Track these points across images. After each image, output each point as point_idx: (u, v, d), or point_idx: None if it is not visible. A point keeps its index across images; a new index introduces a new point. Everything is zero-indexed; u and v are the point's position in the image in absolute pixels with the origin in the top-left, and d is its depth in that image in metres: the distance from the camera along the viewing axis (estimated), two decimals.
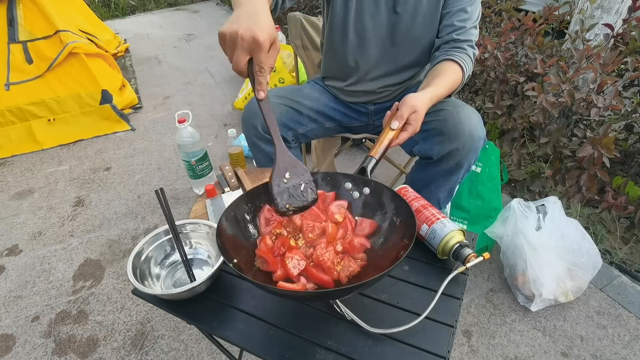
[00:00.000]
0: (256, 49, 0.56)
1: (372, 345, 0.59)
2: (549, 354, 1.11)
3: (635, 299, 1.24)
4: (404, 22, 1.02)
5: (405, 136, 0.77)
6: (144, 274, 0.71)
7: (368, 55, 1.09)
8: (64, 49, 2.28)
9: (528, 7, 2.49)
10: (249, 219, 0.69)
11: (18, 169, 2.13)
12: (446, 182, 1.03)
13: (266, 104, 0.62)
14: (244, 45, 0.55)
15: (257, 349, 0.60)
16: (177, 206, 1.76)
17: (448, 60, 0.95)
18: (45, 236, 1.65)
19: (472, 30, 1.00)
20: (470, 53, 0.99)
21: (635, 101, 1.36)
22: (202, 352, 1.16)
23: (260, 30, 0.55)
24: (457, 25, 0.99)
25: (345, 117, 1.23)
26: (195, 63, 3.46)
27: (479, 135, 0.94)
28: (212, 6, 5.54)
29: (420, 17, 1.01)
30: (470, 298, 1.27)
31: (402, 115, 0.76)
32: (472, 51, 1.00)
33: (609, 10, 1.60)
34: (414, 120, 0.77)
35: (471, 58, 0.99)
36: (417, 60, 1.11)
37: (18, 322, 1.30)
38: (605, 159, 1.23)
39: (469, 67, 0.97)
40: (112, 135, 2.40)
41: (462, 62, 0.95)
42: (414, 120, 0.77)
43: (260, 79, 0.58)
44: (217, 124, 2.44)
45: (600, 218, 1.48)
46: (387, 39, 1.06)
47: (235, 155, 1.36)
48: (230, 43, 0.56)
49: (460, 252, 0.67)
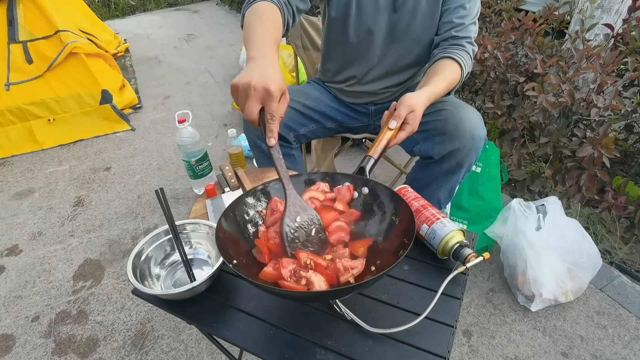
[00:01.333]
0: (268, 99, 0.59)
1: (372, 345, 0.59)
2: (549, 354, 1.11)
3: (635, 299, 1.24)
4: (404, 21, 1.02)
5: (404, 136, 0.77)
6: (144, 274, 0.71)
7: (368, 55, 1.09)
8: (64, 49, 2.28)
9: (528, 7, 2.49)
10: (249, 219, 0.69)
11: (18, 169, 2.13)
12: (447, 182, 1.03)
13: (276, 151, 0.63)
14: (257, 95, 0.59)
15: (257, 349, 0.60)
16: (177, 206, 1.76)
17: (446, 58, 0.94)
18: (45, 236, 1.65)
19: (471, 27, 0.99)
20: (469, 50, 0.97)
21: (635, 101, 1.36)
22: (202, 352, 1.16)
23: (272, 81, 0.59)
24: (456, 22, 0.98)
25: (345, 117, 1.23)
26: (195, 63, 3.46)
27: (479, 135, 0.94)
28: (212, 6, 5.54)
29: (420, 16, 1.01)
30: (470, 298, 1.27)
31: (399, 114, 0.75)
32: (472, 48, 0.98)
33: (609, 10, 1.60)
34: (412, 119, 0.77)
35: (470, 55, 0.98)
36: (418, 60, 1.10)
37: (18, 322, 1.30)
38: (605, 159, 1.23)
39: (467, 64, 0.96)
40: (112, 135, 2.40)
41: (461, 59, 0.94)
42: (412, 120, 0.77)
43: (272, 126, 0.61)
44: (217, 124, 2.44)
45: (600, 218, 1.48)
46: (387, 39, 1.06)
47: (235, 155, 1.36)
48: (244, 93, 0.60)
49: (460, 252, 0.67)
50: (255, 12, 0.79)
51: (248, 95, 0.59)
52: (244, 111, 0.61)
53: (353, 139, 1.36)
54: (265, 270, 0.61)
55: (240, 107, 0.61)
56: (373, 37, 1.05)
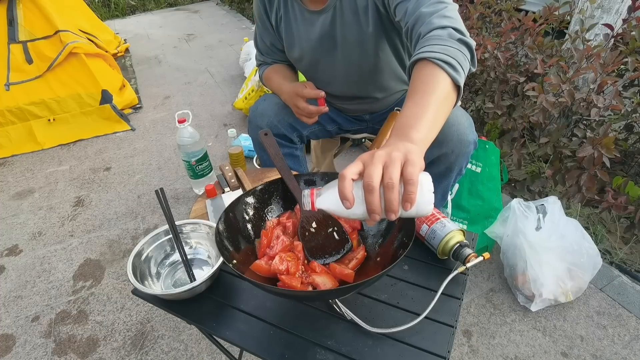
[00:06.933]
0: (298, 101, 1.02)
1: (372, 345, 0.59)
2: (549, 354, 1.11)
3: (635, 299, 1.24)
4: (349, 60, 1.00)
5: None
6: (144, 274, 0.71)
7: (338, 91, 1.11)
8: (64, 49, 2.28)
9: (528, 7, 2.49)
10: (248, 218, 0.69)
11: (18, 169, 2.13)
12: (438, 186, 1.02)
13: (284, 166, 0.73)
14: (291, 101, 1.05)
15: (257, 349, 0.60)
16: (177, 206, 1.76)
17: (416, 64, 0.64)
18: (45, 236, 1.65)
19: (438, 5, 0.71)
20: (449, 32, 0.66)
21: (635, 101, 1.36)
22: (202, 352, 1.16)
23: (292, 96, 1.04)
24: (412, 10, 0.74)
25: (345, 121, 1.23)
26: (195, 63, 3.46)
27: (468, 140, 0.90)
28: (212, 6, 5.54)
29: (356, 48, 0.96)
30: (470, 298, 1.27)
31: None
32: (449, 28, 0.67)
33: (609, 10, 1.60)
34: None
35: (453, 35, 0.66)
36: (385, 85, 1.08)
37: (18, 322, 1.30)
38: (605, 159, 1.23)
39: (450, 54, 0.62)
40: (112, 135, 2.40)
41: (433, 54, 0.62)
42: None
43: (303, 118, 1.05)
44: (217, 124, 2.44)
45: (600, 218, 1.48)
46: (343, 78, 1.05)
47: (235, 155, 1.36)
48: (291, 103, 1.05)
49: (460, 252, 0.67)
50: (268, 73, 1.15)
51: (291, 103, 1.05)
52: (303, 114, 1.04)
53: (353, 139, 1.36)
54: (256, 263, 0.62)
55: (298, 113, 1.05)
56: (331, 78, 1.06)
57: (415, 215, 0.48)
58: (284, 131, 1.11)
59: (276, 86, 1.11)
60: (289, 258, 0.62)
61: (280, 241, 0.65)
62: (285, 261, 0.61)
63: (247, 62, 2.77)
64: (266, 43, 1.11)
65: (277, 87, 1.10)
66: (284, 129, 1.11)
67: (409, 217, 0.49)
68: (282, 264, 0.61)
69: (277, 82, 1.10)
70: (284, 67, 1.15)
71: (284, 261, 0.61)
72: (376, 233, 0.69)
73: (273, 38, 1.09)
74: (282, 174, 0.71)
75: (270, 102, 1.11)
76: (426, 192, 0.47)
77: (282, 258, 0.61)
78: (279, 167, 0.71)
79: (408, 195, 0.45)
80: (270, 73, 1.14)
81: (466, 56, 0.65)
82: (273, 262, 0.61)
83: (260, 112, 1.10)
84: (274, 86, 1.12)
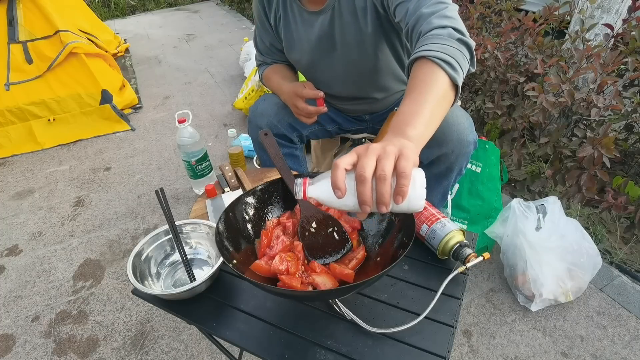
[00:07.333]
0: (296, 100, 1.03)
1: (372, 345, 0.59)
2: (549, 354, 1.11)
3: (635, 299, 1.24)
4: (348, 60, 1.00)
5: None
6: (144, 274, 0.71)
7: (338, 92, 1.11)
8: (64, 49, 2.28)
9: (528, 7, 2.49)
10: (248, 218, 0.69)
11: (18, 169, 2.13)
12: (438, 186, 1.02)
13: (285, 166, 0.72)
14: (291, 101, 1.05)
15: (257, 349, 0.60)
16: (177, 206, 1.76)
17: (415, 63, 0.64)
18: (45, 236, 1.65)
19: (438, 6, 0.72)
20: (449, 31, 0.67)
21: (635, 101, 1.36)
22: (202, 352, 1.16)
23: (291, 96, 1.05)
24: (413, 9, 0.74)
25: (345, 122, 1.23)
26: (195, 63, 3.46)
27: (468, 140, 0.90)
28: (212, 6, 5.54)
29: (355, 48, 0.96)
30: (470, 298, 1.27)
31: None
32: (450, 27, 0.67)
33: (609, 10, 1.60)
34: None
35: (453, 35, 0.66)
36: (385, 86, 1.08)
37: (18, 322, 1.30)
38: (605, 159, 1.23)
39: (449, 53, 0.62)
40: (112, 135, 2.40)
41: (432, 53, 0.62)
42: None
43: (302, 119, 1.07)
44: (217, 124, 2.44)
45: (600, 218, 1.48)
46: (342, 79, 1.06)
47: (235, 155, 1.36)
48: (291, 102, 1.06)
49: (460, 252, 0.67)
50: (268, 73, 1.15)
51: (290, 102, 1.07)
52: (295, 111, 1.07)
53: (353, 139, 1.36)
54: (256, 263, 0.62)
55: (297, 113, 1.07)
56: (331, 79, 1.07)
57: (407, 209, 0.48)
58: (283, 131, 1.12)
59: (276, 86, 1.11)
60: (289, 258, 0.62)
61: (280, 241, 0.65)
62: (285, 261, 0.61)
63: (247, 62, 2.77)
64: (265, 43, 1.11)
65: (277, 87, 1.11)
66: (283, 129, 1.11)
67: (401, 211, 0.49)
68: (282, 264, 0.61)
69: (276, 82, 1.11)
70: (284, 67, 1.16)
71: (284, 261, 0.61)
72: (376, 233, 0.69)
73: (272, 38, 1.09)
74: (282, 174, 0.71)
75: (270, 102, 1.11)
76: (418, 187, 0.47)
77: (282, 258, 0.61)
78: (279, 167, 0.71)
79: (400, 188, 0.45)
80: (270, 73, 1.14)
81: (465, 56, 0.65)
82: (273, 262, 0.61)
83: (260, 112, 1.10)
84: (274, 86, 1.13)
